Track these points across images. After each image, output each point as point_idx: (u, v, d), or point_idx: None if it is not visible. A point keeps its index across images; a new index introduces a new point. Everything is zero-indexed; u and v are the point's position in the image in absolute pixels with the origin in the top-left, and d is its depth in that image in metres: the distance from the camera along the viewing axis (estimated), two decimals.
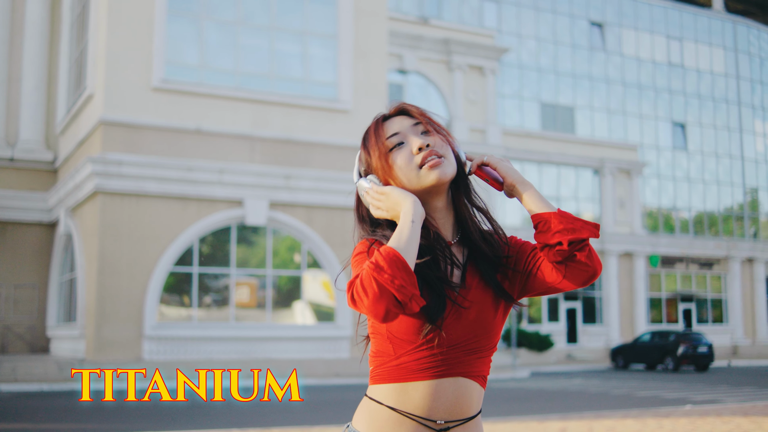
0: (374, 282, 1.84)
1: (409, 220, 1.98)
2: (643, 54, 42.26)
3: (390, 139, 2.13)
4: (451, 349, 2.04)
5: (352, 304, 1.90)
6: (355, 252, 2.09)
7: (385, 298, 1.84)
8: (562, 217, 2.04)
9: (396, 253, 1.89)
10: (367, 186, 2.14)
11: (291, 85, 24.43)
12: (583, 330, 37.51)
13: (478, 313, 2.08)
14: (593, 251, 2.04)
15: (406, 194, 2.05)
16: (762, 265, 43.80)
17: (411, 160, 2.10)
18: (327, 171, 24.16)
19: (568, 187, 38.34)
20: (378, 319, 1.89)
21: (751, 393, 18.27)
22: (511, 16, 38.35)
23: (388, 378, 2.06)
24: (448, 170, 2.10)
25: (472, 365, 2.07)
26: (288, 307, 24.44)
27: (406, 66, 33.49)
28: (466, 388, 2.06)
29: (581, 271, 2.04)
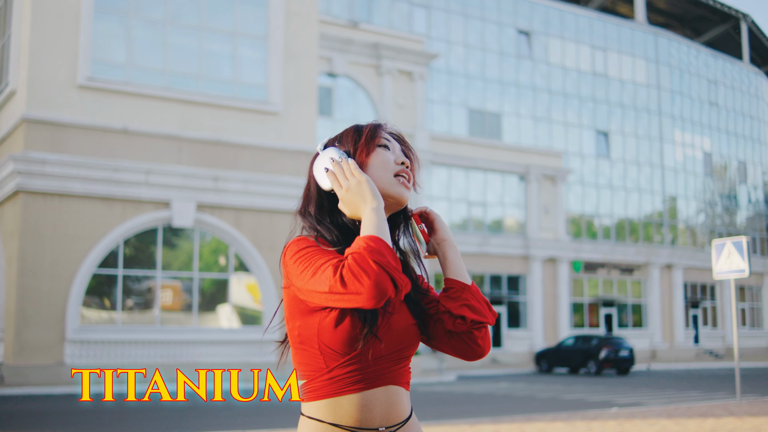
0: (375, 264, 1.84)
1: (383, 217, 1.98)
2: (568, 63, 43.00)
3: (383, 139, 2.17)
4: (381, 359, 2.05)
5: (342, 287, 1.85)
6: (300, 246, 2.03)
7: (386, 281, 1.84)
8: (474, 294, 2.14)
9: (385, 241, 1.90)
10: (338, 157, 2.09)
11: (220, 86, 24.19)
12: (507, 334, 37.93)
13: (407, 326, 2.11)
14: (488, 335, 2.14)
15: (378, 193, 2.03)
16: (680, 271, 44.94)
17: (392, 165, 2.14)
18: (256, 173, 23.97)
19: (495, 192, 38.75)
20: (370, 304, 1.85)
21: (671, 395, 18.70)
22: (441, 22, 38.63)
23: (322, 394, 2.04)
24: (407, 196, 2.16)
25: (399, 374, 2.11)
26: (214, 311, 24.15)
27: (336, 69, 33.45)
28: (397, 395, 2.09)
29: (470, 348, 2.13)
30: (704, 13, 55.57)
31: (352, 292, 1.84)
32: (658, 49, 47.09)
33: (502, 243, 37.93)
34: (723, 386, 22.01)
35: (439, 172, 36.94)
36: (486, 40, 40.05)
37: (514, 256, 38.48)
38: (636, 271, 43.63)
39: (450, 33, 38.89)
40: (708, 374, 29.65)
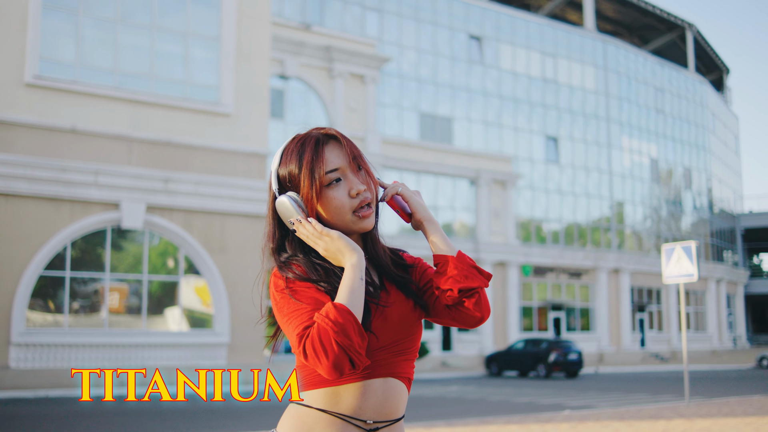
0: (336, 345, 1.87)
1: (358, 277, 2.00)
2: (519, 69, 43.35)
3: (329, 174, 2.10)
4: (380, 350, 2.08)
5: (304, 359, 1.91)
6: (276, 287, 2.06)
7: (344, 363, 1.89)
8: (458, 263, 2.14)
9: (354, 316, 1.92)
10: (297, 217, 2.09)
11: (171, 87, 23.92)
12: (457, 338, 38.08)
13: (401, 316, 2.13)
14: (483, 298, 2.15)
15: (354, 246, 2.05)
16: (627, 275, 45.55)
17: (347, 201, 2.10)
18: (207, 175, 23.75)
19: (445, 196, 38.90)
20: (330, 377, 1.92)
21: (620, 398, 18.89)
22: (393, 26, 38.69)
23: (320, 383, 2.06)
24: (372, 223, 2.15)
25: (400, 366, 2.12)
26: (163, 314, 23.86)
27: (288, 72, 33.30)
28: (395, 388, 2.11)
29: (468, 316, 2.15)
30: (651, 22, 56.50)
31: (313, 366, 1.91)
32: (607, 56, 47.71)
33: None
34: (670, 389, 22.31)
35: (390, 175, 36.94)
36: (438, 45, 40.21)
37: None
38: (584, 275, 44.12)
39: (402, 37, 38.97)
40: (654, 377, 30.05)
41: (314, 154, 2.10)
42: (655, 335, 48.70)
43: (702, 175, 56.18)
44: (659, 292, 49.44)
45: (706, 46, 60.62)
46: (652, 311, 49.00)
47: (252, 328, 24.27)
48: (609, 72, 47.68)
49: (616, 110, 48.00)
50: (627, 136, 48.73)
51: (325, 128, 2.17)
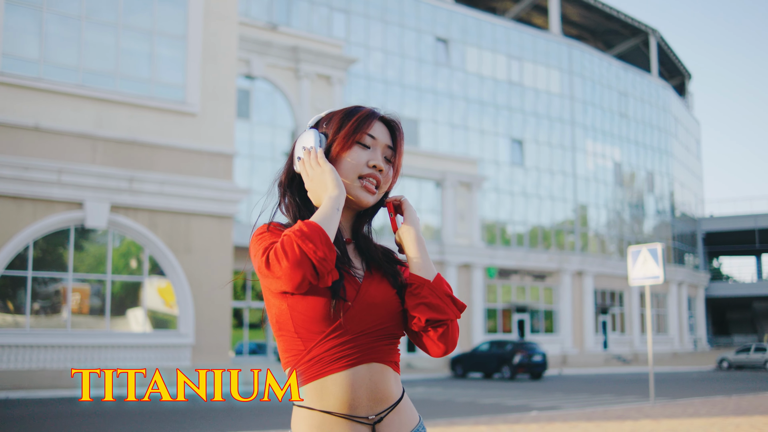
0: (297, 247, 1.86)
1: (335, 207, 1.99)
2: (485, 71, 43.51)
3: (366, 136, 2.12)
4: (362, 335, 2.03)
5: (266, 267, 1.88)
6: (258, 232, 2.06)
7: (305, 266, 1.85)
8: (433, 289, 2.08)
9: (321, 227, 1.90)
10: (311, 145, 2.11)
11: (137, 85, 23.68)
12: None
13: (384, 300, 2.08)
14: (451, 331, 2.09)
15: (339, 183, 2.04)
16: (590, 277, 45.89)
17: (360, 166, 2.10)
18: (172, 175, 23.55)
19: (411, 198, 38.88)
20: (290, 287, 1.88)
21: (586, 399, 19.00)
22: (360, 27, 38.65)
23: (306, 377, 2.03)
24: (371, 201, 2.13)
25: (384, 351, 2.07)
26: (126, 315, 23.60)
27: (254, 72, 33.11)
28: (382, 373, 2.05)
29: (431, 346, 2.10)
30: (615, 27, 57.01)
31: (274, 273, 1.88)
32: (572, 60, 48.06)
33: None
34: (634, 390, 22.48)
35: None
36: (404, 47, 40.25)
37: None
38: (548, 277, 44.37)
39: (369, 38, 38.95)
40: (618, 379, 30.27)
41: (368, 115, 2.14)
42: (617, 337, 49.10)
43: (664, 179, 56.78)
44: (622, 294, 49.87)
45: (669, 52, 61.30)
46: (614, 314, 49.41)
47: (218, 329, 24.11)
48: (574, 76, 48.04)
49: (581, 114, 48.38)
50: (591, 139, 49.12)
51: (387, 115, 2.19)
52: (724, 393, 20.49)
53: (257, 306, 32.85)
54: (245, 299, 32.37)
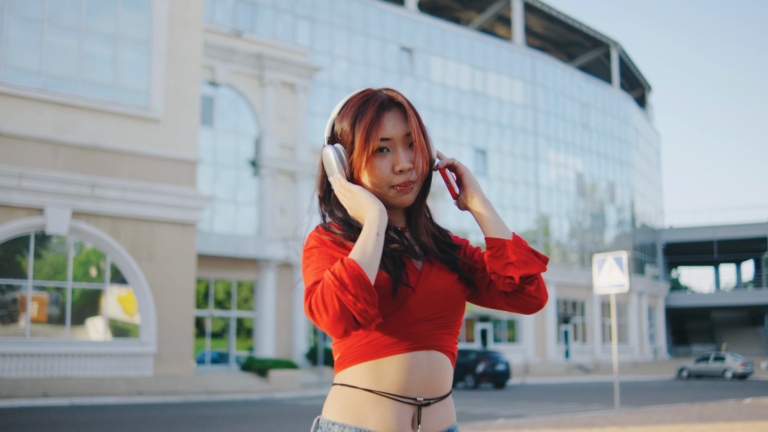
0: (336, 301, 1.80)
1: (374, 232, 1.92)
2: (449, 81, 43.65)
3: (381, 142, 2.03)
4: (422, 321, 1.99)
5: (310, 315, 1.85)
6: (307, 245, 2.04)
7: (345, 320, 1.81)
8: (515, 247, 2.03)
9: (360, 271, 1.83)
10: (336, 172, 2.05)
11: (100, 90, 23.39)
12: None
13: (445, 288, 2.04)
14: (542, 284, 2.06)
15: (373, 201, 1.98)
16: (552, 287, 46.15)
17: (389, 175, 2.03)
18: (135, 181, 23.28)
19: None
20: (335, 337, 1.87)
21: (550, 408, 19.05)
22: (324, 35, 38.59)
23: (360, 357, 1.99)
24: (411, 200, 2.08)
25: (444, 339, 2.03)
26: (88, 323, 23.24)
27: (218, 78, 32.89)
28: (440, 362, 2.02)
29: (528, 302, 2.06)
30: (578, 39, 57.53)
31: (316, 323, 1.84)
32: (535, 71, 48.39)
33: None
34: (597, 398, 22.59)
35: None
36: (369, 55, 40.25)
37: None
38: None
39: (333, 46, 38.90)
40: (580, 388, 30.42)
41: (374, 116, 2.03)
42: (579, 347, 49.39)
43: (625, 189, 57.32)
44: (583, 304, 50.19)
45: (630, 64, 61.97)
46: (576, 323, 49.71)
47: (180, 338, 23.84)
48: (537, 86, 48.37)
49: (544, 124, 48.71)
50: (554, 150, 49.47)
51: (394, 92, 2.09)
52: (686, 401, 20.66)
53: (220, 315, 32.58)
54: (208, 308, 32.07)
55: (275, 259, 32.78)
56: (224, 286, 33.02)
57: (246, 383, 26.65)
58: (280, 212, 34.11)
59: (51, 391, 21.22)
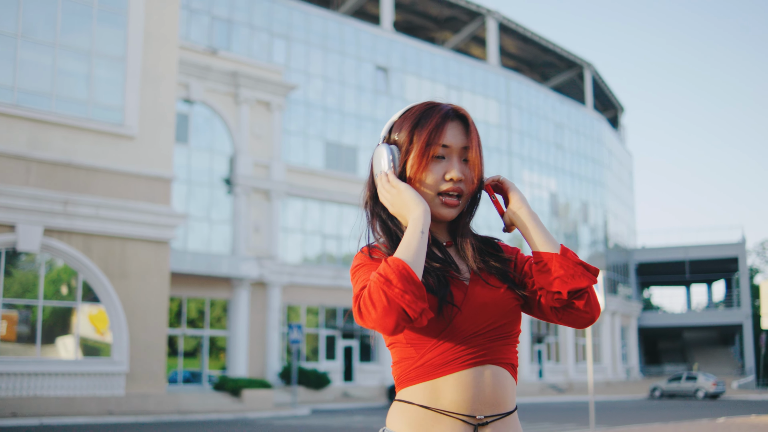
0: (383, 295, 1.80)
1: (418, 230, 1.92)
2: (424, 100, 43.67)
3: (439, 148, 2.05)
4: (474, 336, 1.98)
5: (359, 316, 1.85)
6: (354, 263, 2.05)
7: (395, 312, 1.80)
8: (563, 261, 2.01)
9: (405, 266, 1.84)
10: (385, 167, 2.06)
11: (74, 106, 23.21)
12: (359, 368, 37.85)
13: (495, 299, 2.02)
14: (593, 297, 2.03)
15: (419, 200, 1.98)
16: None
17: (438, 180, 2.04)
18: (109, 198, 23.08)
19: (349, 226, 38.78)
20: (386, 333, 1.85)
21: (527, 427, 18.96)
22: (300, 54, 38.59)
23: (415, 378, 1.99)
24: (454, 214, 2.08)
25: (499, 351, 2.01)
26: (59, 341, 22.94)
27: (193, 96, 32.77)
28: (498, 376, 2.00)
29: (578, 317, 2.03)
30: (552, 60, 57.95)
31: (367, 324, 1.84)
32: (510, 91, 48.66)
33: None
34: (572, 418, 22.59)
35: (294, 203, 36.69)
36: (344, 74, 40.29)
37: None
38: None
39: (309, 65, 38.90)
40: (554, 407, 30.42)
41: (439, 123, 2.05)
42: (552, 366, 49.46)
43: (598, 209, 57.66)
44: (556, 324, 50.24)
45: (603, 85, 62.50)
46: (549, 343, 49.79)
47: (152, 357, 23.59)
48: (511, 107, 48.62)
49: (518, 144, 48.94)
50: (528, 169, 49.70)
51: (458, 106, 2.12)
52: (660, 420, 20.71)
53: (192, 333, 32.32)
54: (180, 326, 31.81)
55: (249, 278, 32.60)
56: (197, 304, 32.78)
57: (219, 403, 26.42)
58: (254, 231, 33.96)
59: (20, 410, 20.90)
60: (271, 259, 34.05)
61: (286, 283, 34.95)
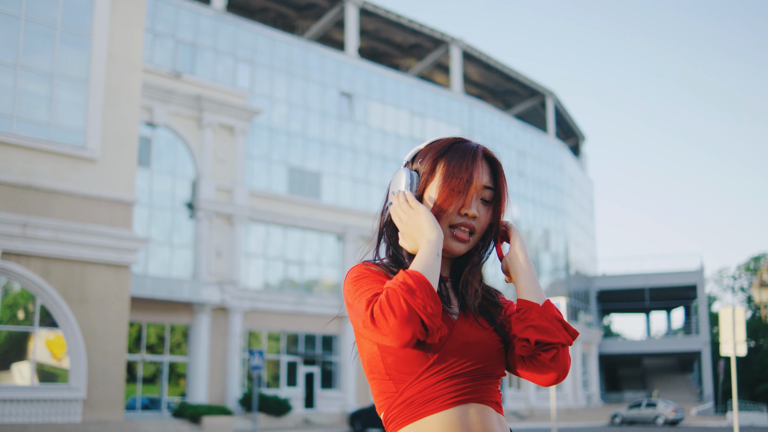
0: (404, 303, 1.75)
1: (435, 252, 1.89)
2: (388, 127, 43.89)
3: (460, 181, 2.01)
4: (458, 375, 1.94)
5: (371, 322, 1.78)
6: (354, 275, 2.00)
7: (414, 323, 1.76)
8: (543, 311, 1.99)
9: (426, 279, 1.81)
10: (404, 188, 2.03)
11: (34, 128, 22.89)
12: (320, 395, 37.59)
13: (479, 339, 1.99)
14: (561, 355, 1.98)
15: (435, 225, 1.94)
16: None
17: (452, 215, 2.01)
18: (69, 221, 22.74)
19: (312, 252, 38.67)
20: (399, 343, 1.78)
21: None
22: (264, 78, 38.55)
23: (401, 421, 1.94)
24: (462, 250, 2.03)
25: (483, 392, 1.98)
26: (14, 367, 22.50)
27: (156, 119, 32.56)
28: (484, 414, 1.95)
29: (541, 371, 1.99)
30: (515, 88, 58.48)
31: (380, 330, 1.78)
32: (473, 118, 48.98)
33: (317, 302, 37.76)
34: None
35: (257, 229, 36.49)
36: (309, 100, 40.29)
37: (329, 316, 38.33)
38: None
39: (273, 90, 38.87)
40: None
41: (466, 157, 2.02)
42: (513, 393, 49.48)
43: (560, 237, 58.05)
44: None
45: (565, 114, 63.14)
46: None
47: (110, 383, 23.22)
48: (474, 133, 48.89)
49: None
50: None
51: (487, 148, 2.09)
52: None
53: (151, 359, 31.91)
54: (140, 352, 31.39)
55: (210, 303, 32.31)
56: (157, 330, 32.40)
57: (178, 430, 26.06)
58: (216, 255, 33.71)
59: None
60: (233, 285, 33.79)
61: (248, 309, 34.69)
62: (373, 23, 47.28)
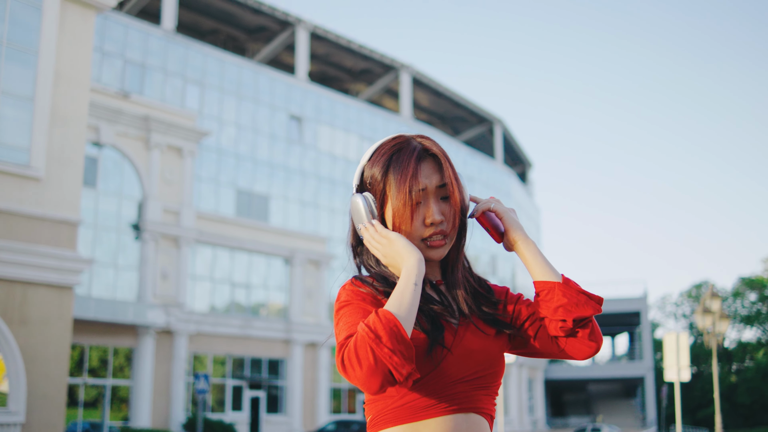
0: (371, 354, 1.72)
1: (412, 282, 1.84)
2: (337, 150, 43.95)
3: (416, 192, 1.97)
4: (459, 383, 1.93)
5: (342, 370, 1.76)
6: (340, 299, 1.98)
7: (381, 374, 1.72)
8: (565, 289, 1.97)
9: (397, 323, 1.75)
10: (365, 219, 2.00)
11: None
12: (266, 419, 37.24)
13: (483, 347, 1.98)
14: (596, 327, 2.00)
15: (412, 249, 1.91)
16: None
17: (419, 227, 1.98)
18: (11, 241, 22.31)
19: (259, 275, 38.43)
20: (370, 392, 1.77)
21: None
22: (214, 100, 38.40)
23: (395, 420, 1.91)
24: (443, 254, 2.02)
25: (482, 401, 1.97)
26: None
27: (102, 139, 32.19)
28: (479, 425, 1.95)
29: (582, 347, 2.00)
30: (463, 115, 59.00)
31: (350, 378, 1.76)
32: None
33: (264, 326, 37.50)
34: None
35: (203, 251, 36.18)
36: (258, 122, 40.21)
37: (275, 340, 38.10)
38: None
39: (222, 112, 38.72)
40: None
41: (414, 169, 1.96)
42: None
43: (507, 263, 58.47)
44: None
45: (512, 141, 63.83)
46: None
47: (51, 407, 22.75)
48: None
49: None
50: None
51: (428, 140, 2.03)
52: None
53: (94, 383, 31.36)
54: (81, 375, 30.83)
55: (155, 326, 31.90)
56: (99, 353, 31.87)
57: None
58: (162, 278, 33.32)
59: None
60: (179, 307, 33.41)
61: (193, 332, 34.31)
62: (324, 47, 47.43)
